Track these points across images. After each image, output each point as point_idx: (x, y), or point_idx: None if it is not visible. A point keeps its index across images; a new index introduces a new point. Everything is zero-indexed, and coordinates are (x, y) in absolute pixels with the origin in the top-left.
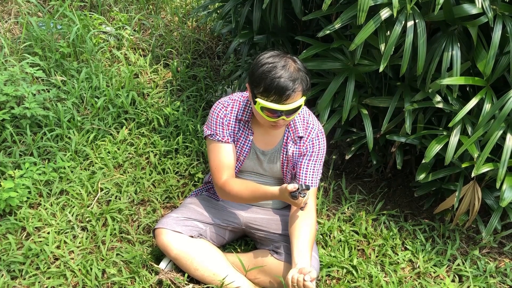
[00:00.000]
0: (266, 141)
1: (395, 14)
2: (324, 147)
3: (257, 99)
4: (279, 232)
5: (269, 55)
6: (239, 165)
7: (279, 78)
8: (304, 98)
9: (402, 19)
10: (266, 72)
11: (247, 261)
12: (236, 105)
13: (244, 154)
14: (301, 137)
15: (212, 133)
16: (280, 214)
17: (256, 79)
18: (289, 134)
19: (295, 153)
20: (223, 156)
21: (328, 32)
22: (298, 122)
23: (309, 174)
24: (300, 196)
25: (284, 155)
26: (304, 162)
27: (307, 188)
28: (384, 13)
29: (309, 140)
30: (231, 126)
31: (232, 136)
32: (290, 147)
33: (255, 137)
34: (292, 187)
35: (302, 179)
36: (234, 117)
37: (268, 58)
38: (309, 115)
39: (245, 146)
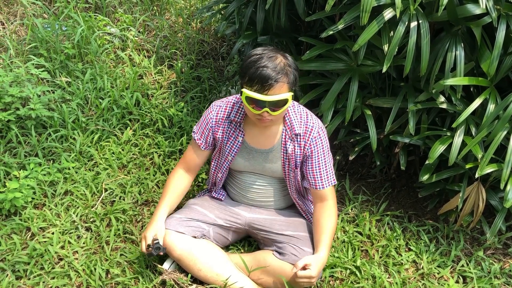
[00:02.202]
0: (262, 140)
1: (398, 15)
2: (327, 143)
3: (243, 89)
4: (282, 232)
5: (262, 48)
6: (227, 165)
7: (263, 67)
8: (290, 94)
9: (406, 19)
10: (253, 62)
11: (250, 261)
12: (229, 107)
13: (232, 154)
14: (297, 134)
15: (195, 130)
16: (283, 214)
17: (243, 69)
18: (286, 133)
19: (297, 152)
20: (190, 153)
21: (331, 32)
22: (294, 120)
23: (323, 176)
24: None
25: (284, 154)
26: (315, 166)
27: None
28: (387, 14)
29: (312, 139)
30: (222, 127)
31: (222, 135)
32: (289, 145)
33: (251, 137)
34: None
35: (318, 183)
36: (227, 118)
37: (258, 50)
38: (306, 114)
39: (234, 147)
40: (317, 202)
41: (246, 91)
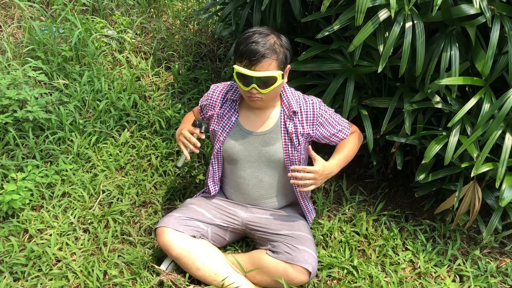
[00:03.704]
0: (258, 124)
1: (393, 15)
2: (328, 107)
3: (234, 66)
4: (277, 232)
5: (257, 26)
6: (219, 146)
7: (252, 43)
8: (279, 72)
9: (401, 20)
10: (245, 38)
11: (245, 261)
12: (227, 87)
13: (224, 134)
14: (295, 112)
15: (200, 101)
16: (280, 214)
17: (236, 45)
18: (285, 113)
19: (299, 130)
20: (195, 111)
21: (327, 33)
22: (292, 99)
23: (343, 127)
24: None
25: (286, 134)
26: (332, 129)
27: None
28: (383, 14)
29: (318, 115)
30: (218, 105)
31: (217, 114)
32: (289, 124)
33: (247, 120)
34: None
35: (342, 136)
36: (223, 97)
37: (253, 28)
38: (303, 95)
39: (226, 126)
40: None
41: (236, 67)
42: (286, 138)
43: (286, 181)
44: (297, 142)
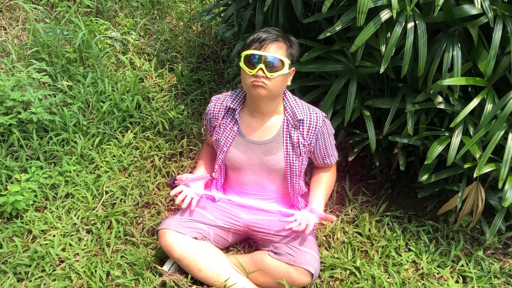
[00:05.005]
0: (260, 132)
1: (394, 16)
2: (330, 125)
3: (242, 53)
4: (280, 233)
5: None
6: (223, 156)
7: (262, 31)
8: (287, 60)
9: (402, 20)
10: (255, 32)
11: (247, 262)
12: (227, 97)
13: (227, 145)
14: (300, 120)
15: (205, 128)
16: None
17: (245, 40)
18: (288, 122)
19: (301, 141)
20: (208, 139)
21: (328, 34)
22: (295, 107)
23: (331, 154)
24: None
25: (288, 143)
26: (323, 149)
27: None
28: (384, 15)
29: (319, 129)
30: (220, 117)
31: (219, 125)
32: (294, 133)
33: (249, 129)
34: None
35: (326, 161)
36: (224, 105)
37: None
38: (307, 104)
39: (229, 137)
40: (320, 169)
41: (245, 52)
42: (288, 147)
43: (288, 188)
44: (299, 152)
